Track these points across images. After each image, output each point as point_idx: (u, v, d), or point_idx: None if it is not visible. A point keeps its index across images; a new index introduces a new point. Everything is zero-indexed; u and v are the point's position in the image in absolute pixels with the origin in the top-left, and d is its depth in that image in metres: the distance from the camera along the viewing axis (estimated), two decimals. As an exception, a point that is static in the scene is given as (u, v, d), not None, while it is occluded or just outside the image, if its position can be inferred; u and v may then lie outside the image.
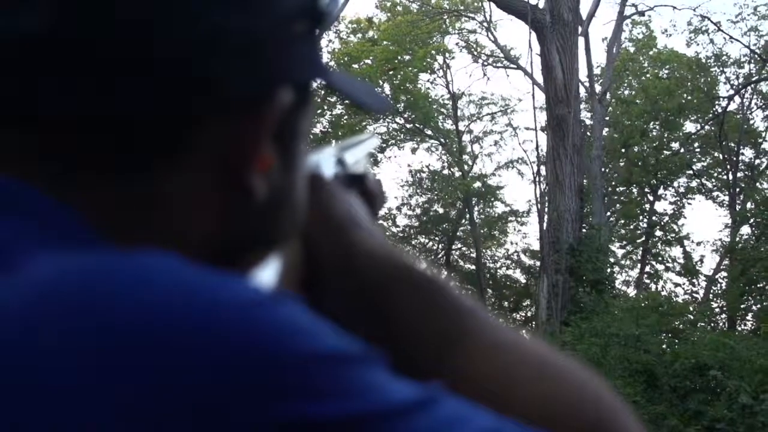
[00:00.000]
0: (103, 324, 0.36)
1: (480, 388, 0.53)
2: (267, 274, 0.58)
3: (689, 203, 23.83)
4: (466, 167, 24.14)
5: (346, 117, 21.56)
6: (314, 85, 0.58)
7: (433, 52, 22.47)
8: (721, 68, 22.13)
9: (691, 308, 16.77)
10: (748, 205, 20.13)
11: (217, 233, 0.52)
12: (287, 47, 0.51)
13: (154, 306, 0.37)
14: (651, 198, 23.76)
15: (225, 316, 0.38)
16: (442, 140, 24.06)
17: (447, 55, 23.19)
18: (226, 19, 0.46)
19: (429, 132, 23.68)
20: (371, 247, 0.64)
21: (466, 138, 24.63)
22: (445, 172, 24.94)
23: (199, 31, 0.46)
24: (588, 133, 18.86)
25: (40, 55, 0.43)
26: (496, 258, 26.47)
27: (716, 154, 22.58)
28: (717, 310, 18.67)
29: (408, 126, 23.25)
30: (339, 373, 0.39)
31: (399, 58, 21.71)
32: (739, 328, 17.58)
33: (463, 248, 26.46)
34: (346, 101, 0.68)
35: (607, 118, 21.97)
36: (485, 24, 21.73)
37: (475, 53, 22.85)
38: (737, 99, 21.36)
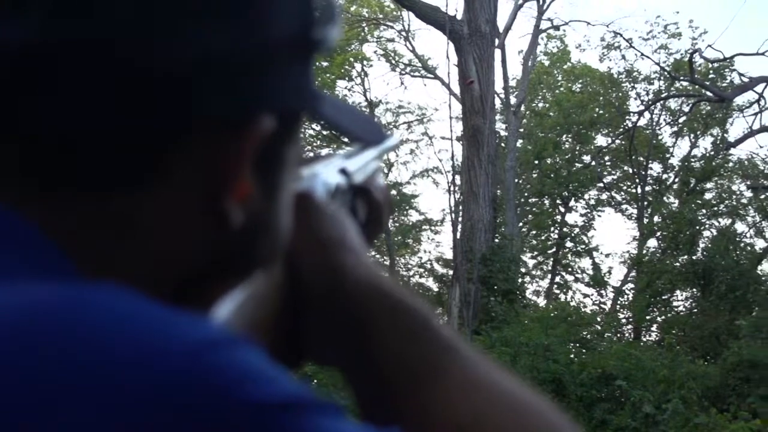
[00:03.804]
0: (50, 363, 0.35)
1: (449, 426, 0.54)
2: (231, 305, 0.55)
3: (599, 215, 24.48)
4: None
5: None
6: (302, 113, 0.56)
7: (351, 59, 22.51)
8: (632, 84, 22.80)
9: (598, 319, 17.15)
10: (656, 218, 20.66)
11: (191, 259, 0.50)
12: (273, 73, 0.49)
13: (106, 348, 0.36)
14: (562, 209, 24.28)
15: (178, 358, 0.37)
16: (358, 147, 24.04)
17: (365, 62, 23.25)
18: (212, 41, 0.45)
19: (345, 139, 23.63)
20: (358, 272, 0.63)
21: (382, 146, 24.68)
22: (361, 179, 24.91)
23: (185, 51, 0.44)
24: (502, 144, 19.15)
25: (26, 69, 0.42)
26: (409, 266, 26.67)
27: (626, 168, 23.20)
28: (623, 320, 19.10)
29: (324, 132, 23.20)
30: (293, 420, 0.38)
31: (317, 64, 21.66)
32: (645, 339, 18.02)
33: (377, 256, 26.53)
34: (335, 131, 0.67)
35: (522, 130, 22.43)
36: (404, 33, 21.94)
37: (393, 62, 23.00)
38: (647, 114, 22.02)
